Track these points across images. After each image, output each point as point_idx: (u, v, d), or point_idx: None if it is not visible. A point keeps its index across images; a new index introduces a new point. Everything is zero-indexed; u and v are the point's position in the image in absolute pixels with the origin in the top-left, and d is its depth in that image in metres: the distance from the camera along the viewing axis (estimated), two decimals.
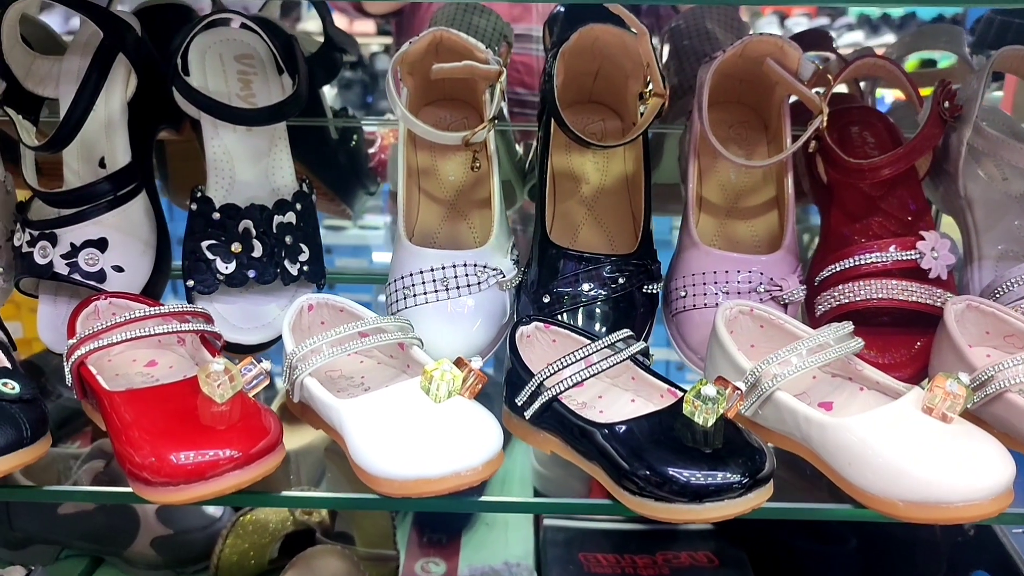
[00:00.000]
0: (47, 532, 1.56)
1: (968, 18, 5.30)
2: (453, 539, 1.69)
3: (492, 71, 1.10)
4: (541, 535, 1.66)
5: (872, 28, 5.36)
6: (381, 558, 1.55)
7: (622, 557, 1.63)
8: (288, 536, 1.54)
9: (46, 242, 1.08)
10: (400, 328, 1.01)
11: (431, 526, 1.70)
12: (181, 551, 1.56)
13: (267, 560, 1.53)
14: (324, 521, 1.58)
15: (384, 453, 0.86)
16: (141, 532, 1.55)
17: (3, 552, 1.57)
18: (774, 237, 1.18)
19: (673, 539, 1.66)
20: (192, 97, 1.09)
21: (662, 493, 0.84)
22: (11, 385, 0.91)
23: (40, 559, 1.57)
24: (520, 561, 1.64)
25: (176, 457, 0.85)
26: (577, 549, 1.63)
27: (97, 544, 1.57)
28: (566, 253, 1.09)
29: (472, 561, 1.65)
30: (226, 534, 1.54)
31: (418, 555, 1.66)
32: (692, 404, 0.86)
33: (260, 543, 1.55)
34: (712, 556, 1.62)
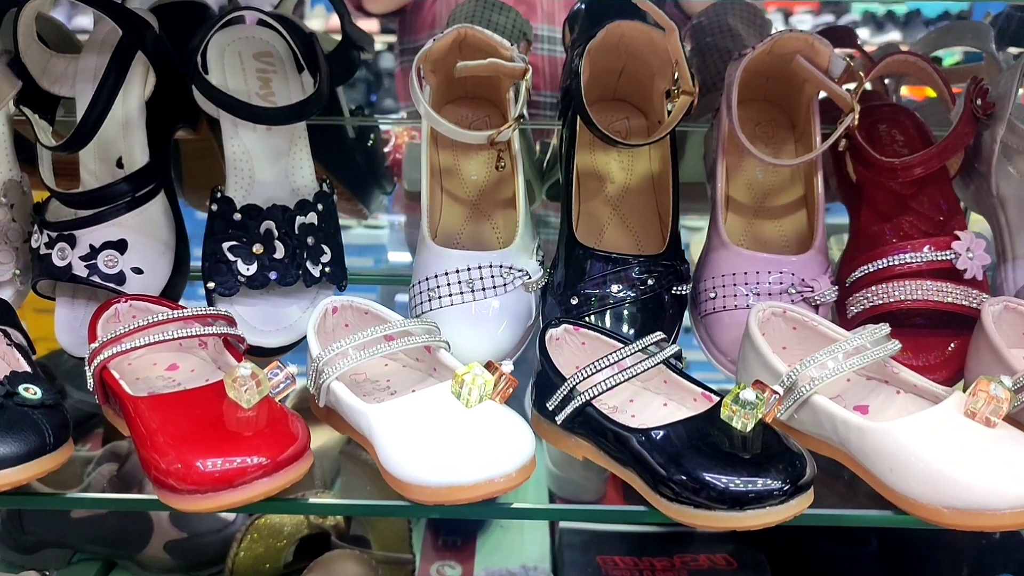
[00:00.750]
0: (60, 536, 1.54)
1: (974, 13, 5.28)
2: (468, 542, 1.68)
3: (517, 69, 1.09)
4: (557, 538, 1.65)
5: (877, 25, 5.34)
6: (397, 561, 1.54)
7: (640, 560, 1.61)
8: (303, 539, 1.52)
9: (65, 244, 1.07)
10: (427, 331, 0.99)
11: (446, 529, 1.68)
12: (195, 555, 1.55)
13: (282, 563, 1.51)
14: (339, 524, 1.57)
15: (416, 459, 0.85)
16: (154, 536, 1.53)
17: (15, 556, 1.56)
18: (803, 237, 1.16)
19: (691, 541, 1.65)
20: (213, 96, 1.08)
21: (701, 500, 0.82)
22: (33, 390, 0.89)
23: (52, 563, 1.55)
24: (537, 564, 1.63)
25: (203, 464, 0.83)
26: (594, 552, 1.61)
27: (110, 548, 1.56)
28: (593, 254, 1.07)
29: (488, 564, 1.63)
30: (241, 537, 1.52)
31: (433, 558, 1.65)
32: (730, 409, 0.85)
33: (275, 546, 1.53)
34: (730, 559, 1.61)
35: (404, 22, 2.13)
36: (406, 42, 2.10)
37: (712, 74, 1.35)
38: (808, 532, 1.58)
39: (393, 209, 1.84)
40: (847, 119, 1.07)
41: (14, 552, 1.56)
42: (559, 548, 1.63)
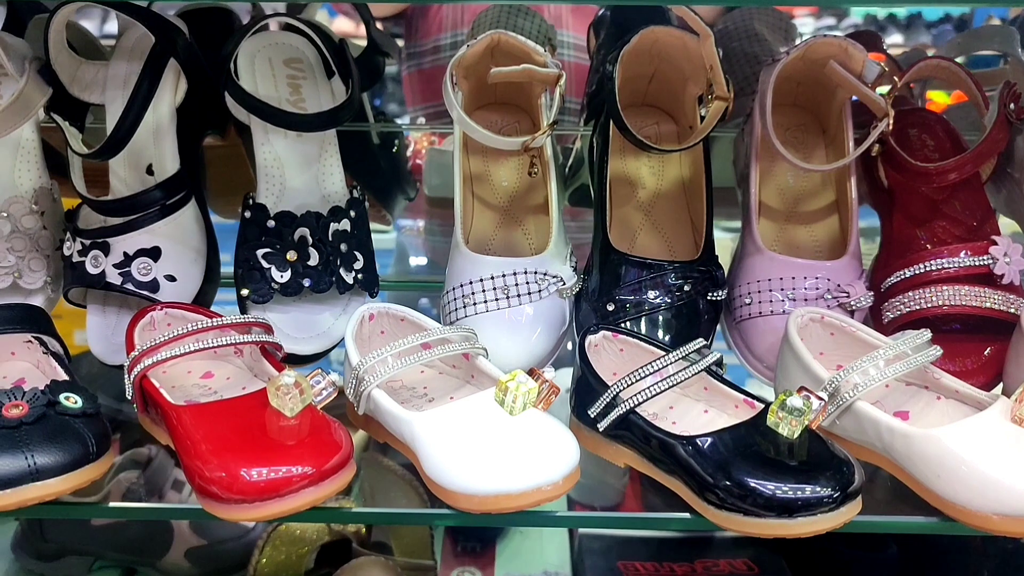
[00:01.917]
0: (81, 543, 1.54)
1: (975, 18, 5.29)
2: (488, 548, 1.67)
3: (551, 74, 1.08)
4: (577, 544, 1.65)
5: (879, 28, 5.34)
6: (419, 568, 1.53)
7: (660, 565, 1.61)
8: (324, 546, 1.52)
9: (98, 251, 1.06)
10: (465, 338, 0.99)
11: (465, 535, 1.68)
12: (215, 562, 1.54)
13: (303, 570, 1.51)
14: (360, 531, 1.56)
15: (462, 468, 0.84)
16: (175, 543, 1.53)
17: (36, 564, 1.56)
18: (835, 242, 1.16)
19: (711, 546, 1.65)
20: (248, 102, 1.07)
21: (751, 507, 0.82)
22: (74, 399, 0.89)
23: (73, 571, 1.55)
24: (559, 571, 1.62)
25: (249, 473, 0.82)
26: (615, 557, 1.61)
27: (131, 555, 1.55)
28: (629, 260, 1.07)
29: (509, 570, 1.63)
30: (262, 544, 1.52)
31: (453, 564, 1.64)
32: (777, 415, 0.84)
33: (296, 553, 1.53)
34: (751, 563, 1.61)
35: (410, 26, 2.13)
36: (412, 46, 2.09)
37: (739, 79, 1.35)
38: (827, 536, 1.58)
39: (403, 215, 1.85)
40: (881, 124, 1.07)
41: (35, 560, 1.55)
42: (579, 554, 1.62)
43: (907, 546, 1.56)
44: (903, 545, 1.56)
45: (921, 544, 1.55)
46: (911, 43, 4.98)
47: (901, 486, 0.93)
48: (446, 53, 2.03)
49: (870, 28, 5.19)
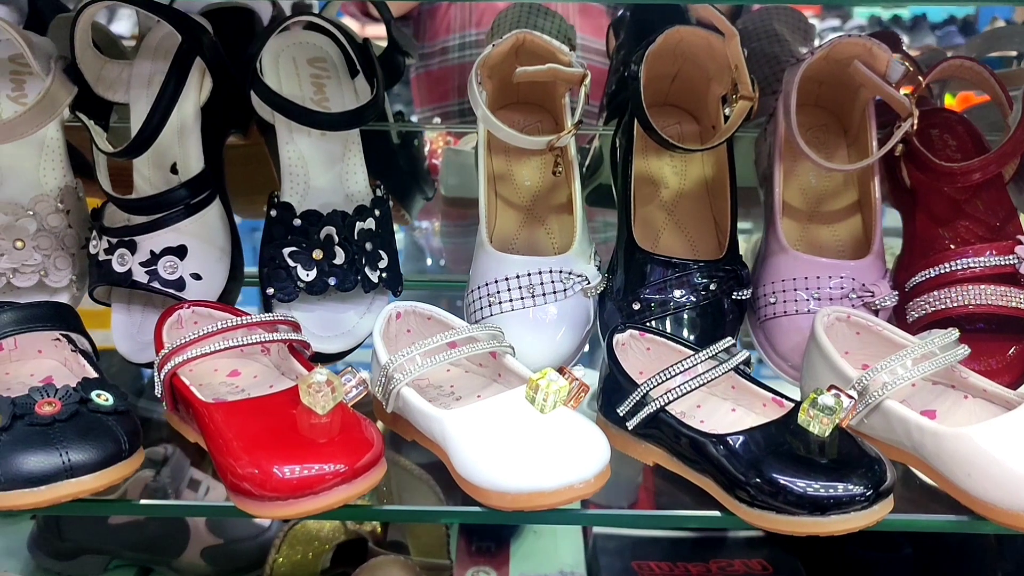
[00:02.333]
0: (97, 542, 1.54)
1: (980, 18, 5.29)
2: (502, 548, 1.67)
3: (576, 74, 1.09)
4: (591, 543, 1.65)
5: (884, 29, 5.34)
6: (435, 567, 1.54)
7: (675, 565, 1.61)
8: (340, 545, 1.52)
9: (125, 250, 1.06)
10: (492, 336, 0.99)
11: (479, 534, 1.68)
12: (231, 561, 1.55)
13: (320, 570, 1.51)
14: (376, 530, 1.57)
15: (494, 465, 0.85)
16: (191, 542, 1.53)
17: (52, 563, 1.56)
18: (858, 241, 1.16)
19: (726, 546, 1.65)
20: (275, 101, 1.07)
21: (784, 505, 0.82)
22: (105, 396, 0.89)
23: (89, 570, 1.55)
24: (574, 570, 1.62)
25: (281, 471, 0.82)
26: (630, 557, 1.61)
27: (147, 554, 1.55)
28: (654, 259, 1.07)
29: (523, 570, 1.63)
30: (279, 543, 1.52)
31: (468, 564, 1.64)
32: (807, 413, 0.85)
33: (313, 553, 1.53)
34: (766, 563, 1.61)
35: (417, 28, 2.13)
36: (420, 48, 2.10)
37: (759, 79, 1.35)
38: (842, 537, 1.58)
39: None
40: (906, 124, 1.07)
41: (51, 559, 1.56)
42: (593, 553, 1.63)
43: (922, 547, 1.56)
44: (918, 546, 1.56)
45: (936, 545, 1.55)
46: (916, 44, 4.98)
47: (925, 484, 0.94)
48: (454, 55, 2.03)
49: (875, 29, 5.19)
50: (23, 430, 0.84)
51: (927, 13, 5.48)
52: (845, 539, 1.62)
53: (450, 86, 2.07)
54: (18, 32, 1.07)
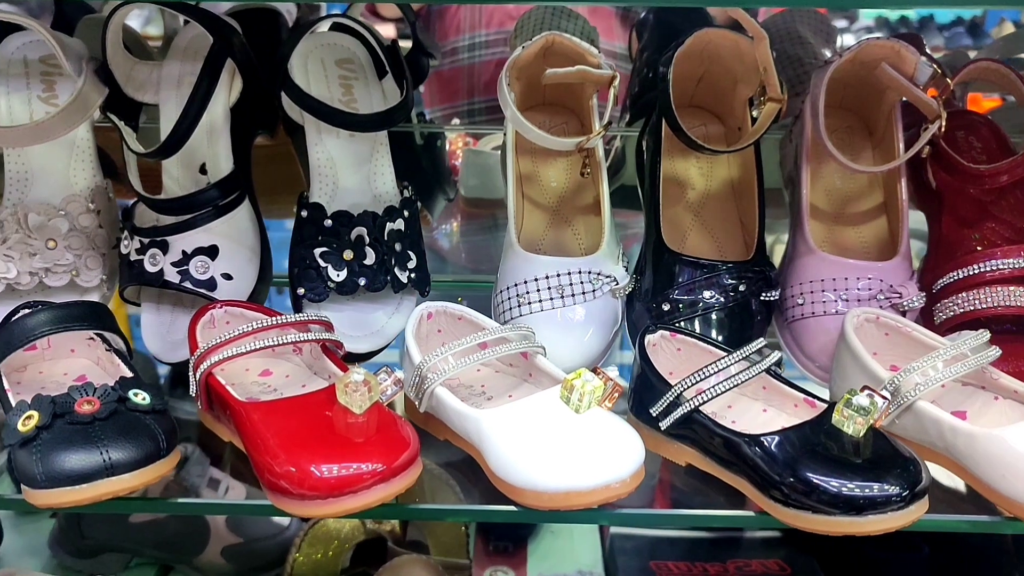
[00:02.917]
0: (118, 541, 1.55)
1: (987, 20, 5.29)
2: (519, 547, 1.68)
3: (605, 76, 1.09)
4: (608, 543, 1.65)
5: (890, 31, 5.34)
6: (454, 567, 1.54)
7: (693, 565, 1.61)
8: (359, 545, 1.52)
9: (157, 250, 1.07)
10: (524, 337, 0.99)
11: (496, 534, 1.68)
12: (251, 560, 1.55)
13: (339, 569, 1.52)
14: (395, 530, 1.57)
15: (531, 465, 0.85)
16: (211, 541, 1.53)
17: (73, 561, 1.56)
18: (883, 243, 1.17)
19: (744, 546, 1.65)
20: (304, 102, 1.08)
21: (820, 505, 0.82)
22: (142, 395, 0.90)
23: (109, 568, 1.55)
24: (592, 570, 1.63)
25: (319, 469, 0.83)
26: (648, 557, 1.61)
27: (167, 553, 1.56)
28: (683, 260, 1.08)
29: (541, 570, 1.63)
30: (299, 542, 1.53)
31: (486, 563, 1.65)
32: (842, 414, 0.85)
33: (333, 552, 1.54)
34: (783, 564, 1.61)
35: (427, 27, 2.14)
36: None
37: (783, 81, 1.36)
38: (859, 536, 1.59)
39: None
40: (933, 126, 1.08)
41: (72, 557, 1.56)
42: (611, 553, 1.63)
43: (939, 547, 1.56)
44: (935, 546, 1.56)
45: (953, 545, 1.55)
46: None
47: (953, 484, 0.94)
48: (464, 55, 2.04)
49: (882, 30, 5.20)
50: (63, 428, 0.84)
51: (934, 15, 5.47)
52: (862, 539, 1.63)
53: (460, 86, 2.08)
54: (50, 33, 1.07)
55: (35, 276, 1.08)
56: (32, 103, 1.16)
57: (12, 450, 0.85)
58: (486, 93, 2.01)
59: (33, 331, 0.93)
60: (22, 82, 1.16)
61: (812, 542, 1.61)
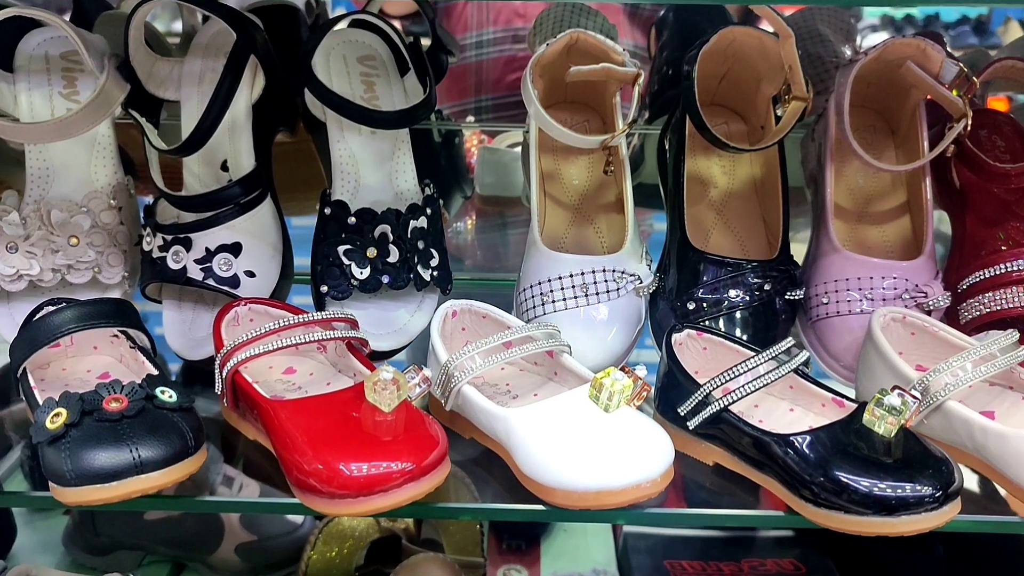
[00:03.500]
0: (132, 538, 1.55)
1: (993, 19, 5.28)
2: (532, 546, 1.67)
3: (630, 73, 1.09)
4: (621, 542, 1.64)
5: (896, 29, 5.33)
6: (469, 565, 1.54)
7: (707, 564, 1.61)
8: (374, 543, 1.52)
9: (180, 247, 1.07)
10: (549, 335, 0.99)
11: (510, 532, 1.68)
12: (265, 557, 1.55)
13: (354, 567, 1.52)
14: (409, 528, 1.57)
15: (561, 464, 0.85)
16: (225, 538, 1.53)
17: (87, 558, 1.56)
18: (906, 242, 1.16)
19: (758, 546, 1.65)
20: (329, 99, 1.07)
21: (853, 506, 0.82)
22: (169, 393, 0.89)
23: (123, 565, 1.55)
24: (607, 568, 1.62)
25: (348, 468, 0.83)
26: (662, 556, 1.61)
27: (181, 550, 1.56)
28: (709, 258, 1.07)
29: (555, 568, 1.63)
30: (314, 540, 1.53)
31: (499, 562, 1.64)
32: (873, 413, 0.85)
33: (347, 550, 1.54)
34: (798, 563, 1.61)
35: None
36: None
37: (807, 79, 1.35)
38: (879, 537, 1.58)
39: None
40: (959, 125, 1.07)
41: (86, 554, 1.56)
42: (624, 552, 1.62)
43: (954, 548, 1.56)
44: (950, 546, 1.56)
45: (968, 545, 1.55)
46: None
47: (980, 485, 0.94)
48: (471, 52, 2.03)
49: (888, 28, 5.19)
50: (92, 426, 0.84)
51: (940, 13, 5.46)
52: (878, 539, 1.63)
53: (467, 84, 2.07)
54: (73, 30, 1.07)
55: (57, 273, 1.07)
56: (53, 99, 1.16)
57: (40, 447, 0.85)
58: (494, 91, 2.00)
59: (59, 328, 0.93)
60: (43, 78, 1.16)
61: (827, 542, 1.60)
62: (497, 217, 1.68)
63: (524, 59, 2.02)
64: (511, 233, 1.66)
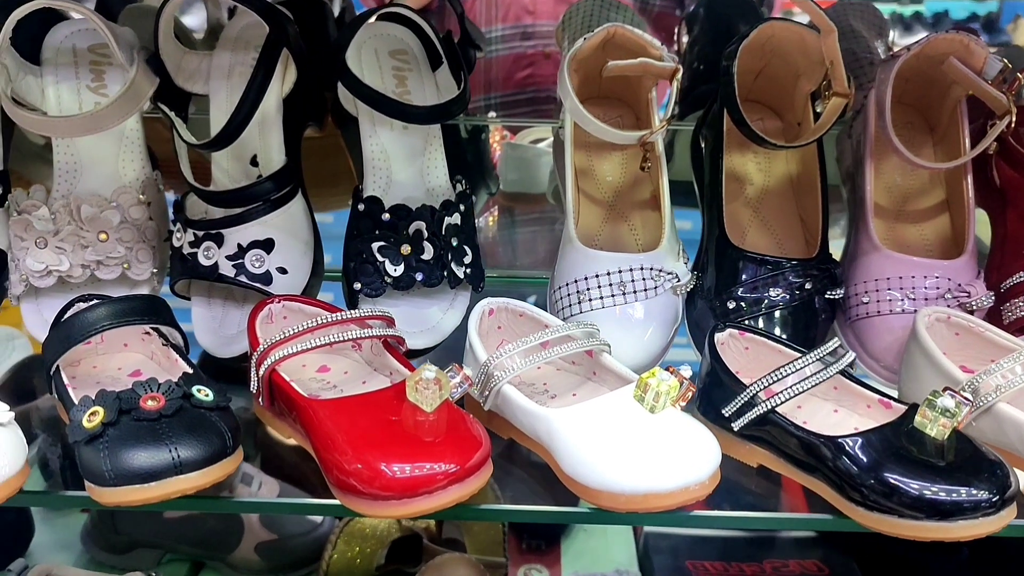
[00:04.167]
0: (152, 536, 1.54)
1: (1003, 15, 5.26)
2: (552, 546, 1.66)
3: (668, 68, 1.07)
4: (642, 542, 1.63)
5: (905, 27, 5.31)
6: (491, 565, 1.53)
7: (730, 565, 1.60)
8: (395, 542, 1.51)
9: (211, 243, 1.05)
10: (588, 334, 0.98)
11: (530, 532, 1.67)
12: (284, 556, 1.54)
13: (374, 566, 1.51)
14: (431, 527, 1.56)
15: (608, 466, 0.83)
16: (245, 537, 1.52)
17: (106, 556, 1.55)
18: (945, 241, 1.15)
19: (780, 546, 1.64)
20: (363, 93, 1.06)
21: (906, 510, 0.81)
22: (205, 392, 0.88)
23: (143, 563, 1.54)
24: (629, 569, 1.61)
25: (391, 469, 0.81)
26: (684, 557, 1.60)
27: (201, 549, 1.55)
28: (748, 257, 1.06)
29: (576, 568, 1.62)
30: (335, 539, 1.52)
31: (519, 562, 1.63)
32: (925, 416, 0.83)
33: (368, 549, 1.53)
34: (821, 565, 1.60)
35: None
36: None
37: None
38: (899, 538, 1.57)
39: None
40: (1003, 122, 1.06)
41: (105, 552, 1.55)
42: (646, 552, 1.61)
43: (979, 550, 1.54)
44: (975, 548, 1.54)
45: (992, 547, 1.53)
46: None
47: None
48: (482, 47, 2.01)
49: (896, 26, 5.16)
50: (130, 425, 0.82)
51: (949, 10, 5.43)
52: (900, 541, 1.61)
53: (476, 81, 2.06)
54: (103, 22, 1.05)
55: (87, 269, 1.06)
56: (81, 93, 1.14)
57: (77, 446, 0.83)
58: (503, 88, 1.99)
59: (94, 325, 0.91)
60: (71, 71, 1.14)
61: (850, 543, 1.59)
62: (521, 214, 1.66)
63: (533, 56, 2.01)
64: (536, 230, 1.64)
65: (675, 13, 2.61)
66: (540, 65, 2.06)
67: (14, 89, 1.07)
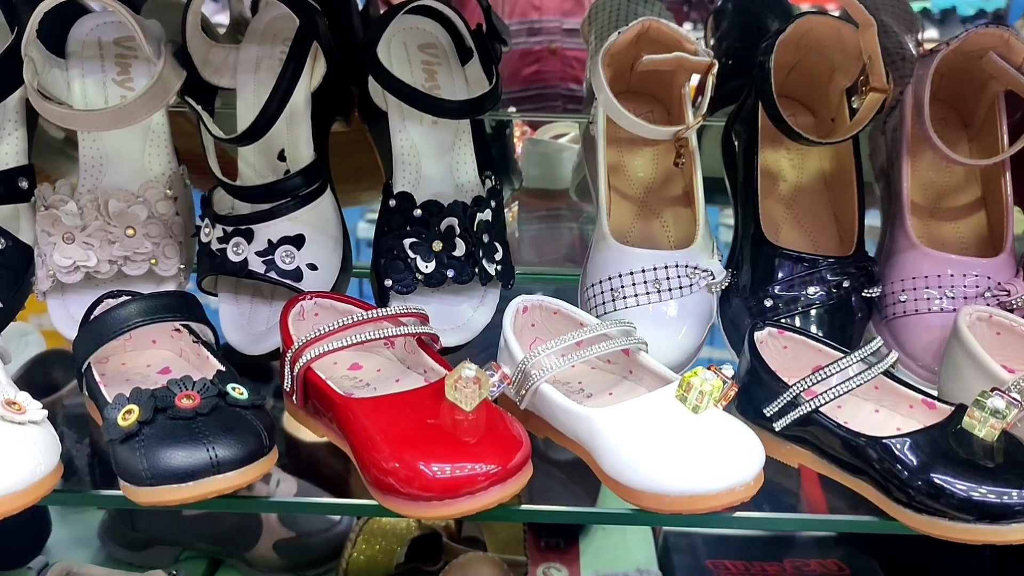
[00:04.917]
0: (170, 533, 1.53)
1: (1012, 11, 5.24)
2: (571, 544, 1.65)
3: (703, 63, 1.06)
4: (661, 541, 1.62)
5: None
6: (511, 564, 1.52)
7: (750, 564, 1.58)
8: (415, 540, 1.50)
9: (241, 238, 1.03)
10: (625, 332, 0.96)
11: (548, 531, 1.66)
12: (303, 554, 1.53)
13: (394, 564, 1.50)
14: (450, 526, 1.55)
15: (652, 466, 0.82)
16: (264, 535, 1.51)
17: (124, 553, 1.54)
18: (982, 238, 1.13)
19: (801, 545, 1.63)
20: (394, 87, 1.04)
21: (957, 512, 0.79)
22: (240, 390, 0.86)
23: (160, 561, 1.53)
24: (650, 568, 1.60)
25: (430, 469, 0.80)
26: (704, 556, 1.59)
27: (219, 546, 1.54)
28: (785, 254, 1.04)
29: (595, 567, 1.61)
30: (355, 537, 1.51)
31: (539, 560, 1.62)
32: (974, 416, 0.82)
33: (388, 548, 1.52)
34: (841, 564, 1.58)
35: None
36: None
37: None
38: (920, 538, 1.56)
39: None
40: None
41: (123, 549, 1.54)
42: (665, 551, 1.60)
43: (1001, 549, 1.53)
44: (997, 548, 1.53)
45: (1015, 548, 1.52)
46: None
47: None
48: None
49: None
50: (166, 424, 0.81)
51: (956, 6, 5.41)
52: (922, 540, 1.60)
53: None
54: (130, 15, 1.04)
55: (114, 264, 1.04)
56: (107, 86, 1.12)
57: (112, 445, 0.82)
58: (510, 84, 1.97)
59: (126, 322, 0.90)
60: (96, 64, 1.13)
61: (871, 542, 1.58)
62: (543, 209, 1.65)
63: (539, 52, 2.00)
64: (559, 226, 1.63)
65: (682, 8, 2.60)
66: (546, 61, 2.05)
67: (40, 82, 1.06)
